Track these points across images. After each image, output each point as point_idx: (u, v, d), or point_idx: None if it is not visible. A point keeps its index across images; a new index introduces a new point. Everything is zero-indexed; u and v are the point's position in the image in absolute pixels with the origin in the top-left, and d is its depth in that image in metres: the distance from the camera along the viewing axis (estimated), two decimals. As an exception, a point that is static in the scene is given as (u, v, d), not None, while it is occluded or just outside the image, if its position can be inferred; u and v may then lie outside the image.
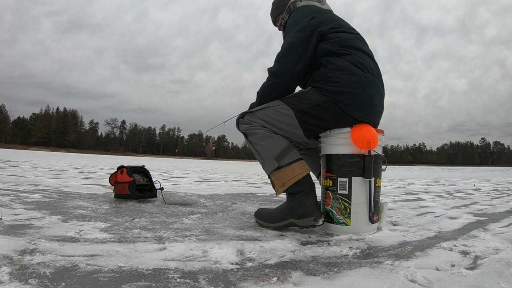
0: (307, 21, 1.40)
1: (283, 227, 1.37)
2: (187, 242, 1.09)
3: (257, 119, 1.42)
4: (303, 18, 1.42)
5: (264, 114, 1.41)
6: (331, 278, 0.81)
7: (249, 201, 2.28)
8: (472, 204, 2.52)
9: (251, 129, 1.42)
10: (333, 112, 1.32)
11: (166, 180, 4.17)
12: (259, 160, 1.43)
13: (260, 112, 1.42)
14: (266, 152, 1.38)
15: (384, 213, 1.39)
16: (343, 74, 1.31)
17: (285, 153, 1.36)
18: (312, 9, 1.47)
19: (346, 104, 1.30)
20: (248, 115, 1.45)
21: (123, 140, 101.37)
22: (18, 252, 0.90)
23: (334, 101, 1.31)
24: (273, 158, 1.36)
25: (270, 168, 1.38)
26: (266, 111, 1.41)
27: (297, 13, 1.47)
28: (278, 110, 1.39)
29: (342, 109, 1.31)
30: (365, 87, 1.31)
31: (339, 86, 1.31)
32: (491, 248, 1.11)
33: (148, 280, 0.76)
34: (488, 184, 5.65)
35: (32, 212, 1.51)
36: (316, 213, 1.29)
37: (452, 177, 8.73)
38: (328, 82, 1.33)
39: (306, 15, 1.43)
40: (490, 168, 47.67)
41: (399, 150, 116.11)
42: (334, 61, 1.34)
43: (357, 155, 1.27)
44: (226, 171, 8.46)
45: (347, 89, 1.30)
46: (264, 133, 1.40)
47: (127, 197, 2.11)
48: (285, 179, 1.34)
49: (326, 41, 1.38)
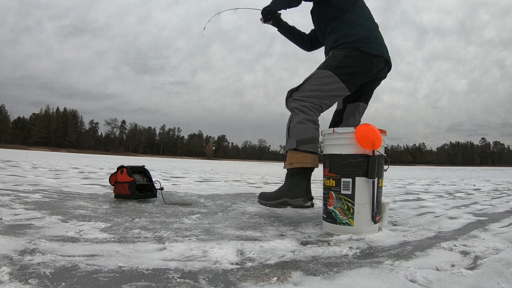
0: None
1: (278, 205, 1.56)
2: (187, 242, 1.09)
3: (305, 93, 1.59)
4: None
5: (309, 85, 1.60)
6: (331, 278, 0.81)
7: (249, 201, 2.28)
8: (472, 204, 2.52)
9: (297, 107, 1.58)
10: (358, 57, 1.58)
11: (166, 180, 4.17)
12: (286, 136, 1.61)
13: (304, 86, 1.60)
14: (294, 133, 1.56)
15: (386, 213, 1.39)
16: (352, 27, 1.62)
17: (307, 142, 1.54)
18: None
19: (365, 46, 1.58)
20: (296, 93, 1.61)
21: (123, 140, 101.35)
22: (18, 252, 0.90)
23: (355, 48, 1.58)
24: (295, 140, 1.54)
25: (289, 146, 1.57)
26: (309, 82, 1.60)
27: None
28: (318, 76, 1.60)
29: (363, 51, 1.57)
30: (367, 30, 1.63)
31: (354, 35, 1.60)
32: (491, 248, 1.11)
33: (148, 280, 0.76)
34: (488, 184, 5.65)
35: (32, 212, 1.51)
36: (305, 196, 1.50)
37: (452, 177, 8.74)
38: (345, 36, 1.61)
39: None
40: (490, 168, 47.67)
41: (399, 150, 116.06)
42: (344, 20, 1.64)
43: (360, 155, 1.27)
44: (226, 171, 8.46)
45: (359, 36, 1.60)
46: (302, 118, 1.56)
47: (127, 197, 2.11)
48: (295, 160, 1.53)
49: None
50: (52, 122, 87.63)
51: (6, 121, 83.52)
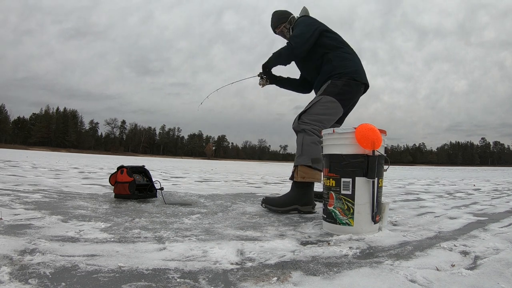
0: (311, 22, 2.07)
1: (288, 211, 1.81)
2: (187, 242, 1.09)
3: (313, 116, 1.88)
4: (308, 19, 2.10)
5: (317, 109, 1.90)
6: (331, 278, 0.81)
7: (249, 201, 2.28)
8: (472, 204, 2.52)
9: (310, 130, 1.85)
10: (353, 85, 1.95)
11: (166, 180, 4.17)
12: (298, 152, 1.87)
13: (312, 110, 1.90)
14: (309, 152, 1.82)
15: (386, 213, 1.39)
16: (346, 60, 1.99)
17: (319, 161, 1.80)
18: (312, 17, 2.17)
19: (357, 76, 1.96)
20: (305, 115, 1.90)
21: (123, 140, 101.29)
22: (18, 252, 0.90)
23: (351, 78, 1.94)
24: (310, 158, 1.81)
25: (303, 162, 1.82)
26: (317, 107, 1.90)
27: (302, 18, 2.12)
28: (324, 101, 1.91)
29: (357, 80, 1.96)
30: (358, 64, 2.02)
31: (349, 67, 1.96)
32: (491, 248, 1.11)
33: (148, 280, 0.76)
34: (488, 184, 5.65)
35: (32, 212, 1.51)
36: (313, 204, 1.86)
37: (452, 177, 8.73)
38: (342, 67, 1.96)
39: (309, 18, 2.12)
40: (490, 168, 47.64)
41: (399, 150, 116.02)
42: (338, 54, 1.99)
43: (360, 155, 1.27)
44: (226, 171, 8.46)
45: (353, 68, 1.97)
46: (315, 139, 1.83)
47: (127, 197, 2.11)
48: (308, 175, 1.81)
49: (326, 37, 2.03)
50: (52, 122, 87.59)
51: (6, 121, 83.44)
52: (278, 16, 2.22)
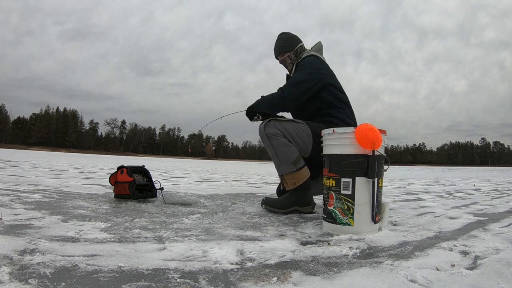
0: (318, 68, 1.85)
1: (289, 213, 1.78)
2: (187, 242, 1.09)
3: (282, 128, 1.75)
4: (316, 64, 1.86)
5: (290, 126, 1.77)
6: (331, 278, 0.81)
7: (249, 201, 2.28)
8: (472, 204, 2.52)
9: (275, 134, 1.74)
10: None
11: (166, 180, 4.17)
12: (275, 161, 1.77)
13: (286, 124, 1.77)
14: (286, 157, 1.73)
15: (386, 213, 1.39)
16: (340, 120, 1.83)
17: (298, 160, 1.74)
18: (322, 61, 1.93)
19: None
20: (275, 122, 1.77)
21: (123, 140, 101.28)
22: (18, 252, 0.90)
23: None
24: (291, 163, 1.72)
25: (287, 170, 1.74)
26: (291, 125, 1.78)
27: (311, 59, 1.88)
28: (301, 128, 1.78)
29: None
30: None
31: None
32: (491, 248, 1.11)
33: (148, 280, 0.76)
34: (488, 184, 5.65)
35: (32, 212, 1.51)
36: (312, 203, 1.81)
37: (452, 177, 8.73)
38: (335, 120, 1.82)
39: (318, 63, 1.88)
40: (490, 168, 47.64)
41: (399, 150, 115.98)
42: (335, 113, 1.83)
43: (360, 155, 1.27)
44: (226, 171, 8.46)
45: None
46: (286, 142, 1.74)
47: (127, 197, 2.11)
48: (297, 179, 1.74)
49: (328, 91, 1.84)
50: (52, 122, 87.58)
51: (6, 121, 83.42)
52: (284, 43, 1.99)
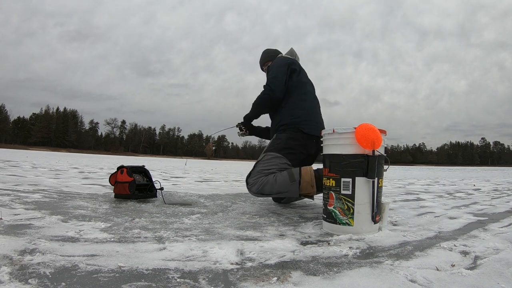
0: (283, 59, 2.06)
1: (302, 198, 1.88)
2: (187, 242, 1.09)
3: (257, 174, 1.80)
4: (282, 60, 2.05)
5: (258, 169, 1.82)
6: (331, 278, 0.81)
7: (249, 201, 2.28)
8: (472, 204, 2.52)
9: (260, 186, 1.77)
10: (300, 137, 1.85)
11: (166, 180, 4.17)
12: (284, 194, 1.75)
13: (256, 170, 1.83)
14: (283, 185, 1.72)
15: (386, 213, 1.39)
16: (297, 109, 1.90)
17: (292, 175, 1.72)
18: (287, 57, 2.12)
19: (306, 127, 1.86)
20: (249, 178, 1.83)
21: (123, 140, 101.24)
22: (18, 252, 0.90)
23: (297, 129, 1.86)
24: (290, 184, 1.71)
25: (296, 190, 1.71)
26: (260, 165, 1.83)
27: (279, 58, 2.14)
28: (266, 159, 1.83)
29: (304, 132, 1.85)
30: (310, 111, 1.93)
31: (297, 116, 1.89)
32: (491, 248, 1.11)
33: (148, 280, 0.76)
34: (488, 184, 5.65)
35: (32, 212, 1.51)
36: None
37: (452, 177, 8.73)
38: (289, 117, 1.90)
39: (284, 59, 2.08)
40: (490, 168, 47.61)
41: (399, 150, 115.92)
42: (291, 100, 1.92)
43: (360, 155, 1.27)
44: (226, 171, 8.45)
45: (302, 118, 1.88)
46: (270, 178, 1.75)
47: (127, 197, 2.11)
48: (308, 183, 1.70)
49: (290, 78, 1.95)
50: (52, 122, 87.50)
51: (6, 121, 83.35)
52: (266, 55, 2.30)
